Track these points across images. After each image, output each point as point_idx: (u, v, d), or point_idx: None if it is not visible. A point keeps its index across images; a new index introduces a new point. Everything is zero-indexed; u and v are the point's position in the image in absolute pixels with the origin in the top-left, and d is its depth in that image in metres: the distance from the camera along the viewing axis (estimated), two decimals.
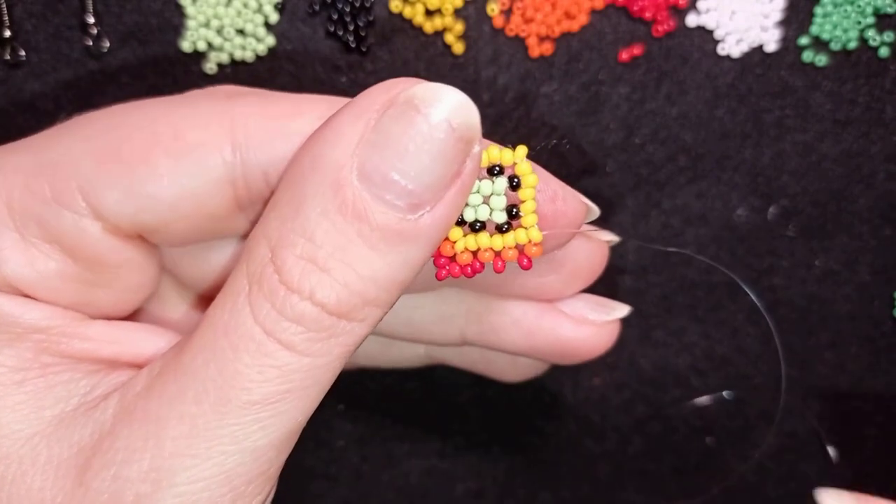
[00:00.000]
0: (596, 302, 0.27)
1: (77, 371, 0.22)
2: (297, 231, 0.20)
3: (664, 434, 0.35)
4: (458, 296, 0.27)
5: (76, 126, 0.23)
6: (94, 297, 0.23)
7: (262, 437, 0.20)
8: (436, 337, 0.28)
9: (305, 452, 0.35)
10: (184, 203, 0.22)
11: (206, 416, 0.19)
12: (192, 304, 0.26)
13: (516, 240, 0.22)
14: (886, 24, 0.31)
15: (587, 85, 0.32)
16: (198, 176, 0.22)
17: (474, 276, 0.22)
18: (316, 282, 0.19)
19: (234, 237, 0.25)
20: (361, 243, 0.19)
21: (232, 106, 0.22)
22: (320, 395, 0.20)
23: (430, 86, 0.20)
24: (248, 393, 0.19)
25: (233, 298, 0.20)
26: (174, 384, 0.20)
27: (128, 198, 0.22)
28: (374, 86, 0.20)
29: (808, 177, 0.32)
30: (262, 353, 0.19)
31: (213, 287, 0.26)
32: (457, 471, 0.35)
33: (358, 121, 0.19)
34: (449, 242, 0.21)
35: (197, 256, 0.25)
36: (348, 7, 0.31)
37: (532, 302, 0.27)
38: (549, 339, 0.27)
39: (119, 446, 0.20)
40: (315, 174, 0.20)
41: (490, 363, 0.30)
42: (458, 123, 0.19)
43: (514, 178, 0.21)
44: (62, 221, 0.22)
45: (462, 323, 0.27)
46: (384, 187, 0.19)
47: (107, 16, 0.31)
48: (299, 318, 0.19)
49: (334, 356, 0.20)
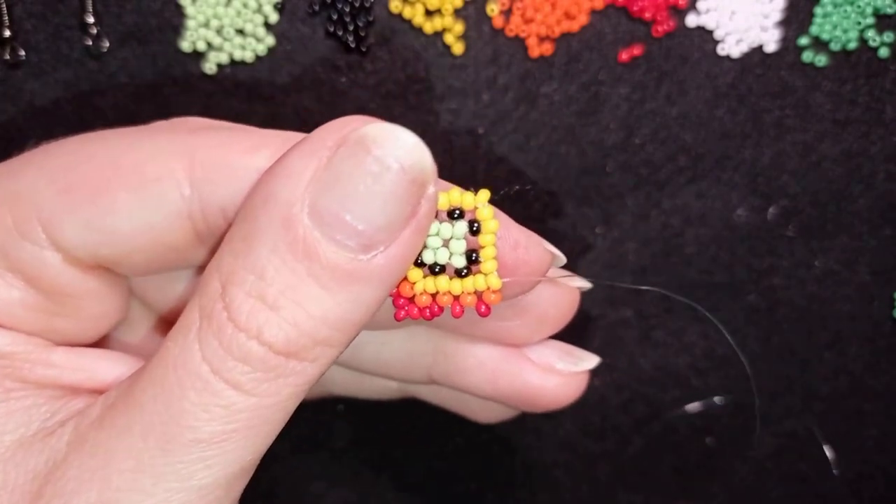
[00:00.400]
0: (565, 350, 0.27)
1: (40, 397, 0.22)
2: (247, 268, 0.19)
3: (664, 434, 0.35)
4: (425, 334, 0.27)
5: (40, 156, 0.23)
6: (57, 326, 0.23)
7: (207, 476, 0.19)
8: (403, 374, 0.27)
9: (305, 453, 0.35)
10: (143, 236, 0.22)
11: (151, 451, 0.19)
12: (161, 331, 0.26)
13: (475, 286, 0.21)
14: (886, 24, 0.31)
15: (587, 85, 0.32)
16: (156, 210, 0.22)
17: (433, 318, 0.22)
18: (264, 320, 0.19)
19: (197, 266, 0.25)
20: (312, 282, 0.19)
21: (191, 140, 0.22)
22: (271, 434, 0.20)
23: (382, 126, 0.19)
24: (194, 431, 0.19)
25: (184, 333, 0.20)
26: (124, 416, 0.20)
27: (87, 230, 0.22)
28: (328, 123, 0.20)
29: (808, 177, 0.32)
30: (209, 391, 0.19)
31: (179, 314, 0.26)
32: (457, 471, 0.35)
33: (310, 158, 0.19)
34: (408, 283, 0.21)
35: (163, 285, 0.25)
36: (348, 7, 0.31)
37: (498, 346, 0.26)
38: (514, 385, 0.26)
39: (70, 476, 0.19)
40: (267, 211, 0.19)
41: (462, 403, 0.29)
42: (409, 165, 0.19)
43: (474, 223, 0.21)
44: (23, 252, 0.22)
45: (429, 361, 0.27)
46: (335, 227, 0.19)
47: (106, 16, 0.31)
48: (245, 357, 0.19)
49: (283, 396, 0.20)
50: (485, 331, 0.26)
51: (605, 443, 0.35)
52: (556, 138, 0.32)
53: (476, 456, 0.35)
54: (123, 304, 0.25)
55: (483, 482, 0.35)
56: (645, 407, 0.34)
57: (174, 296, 0.26)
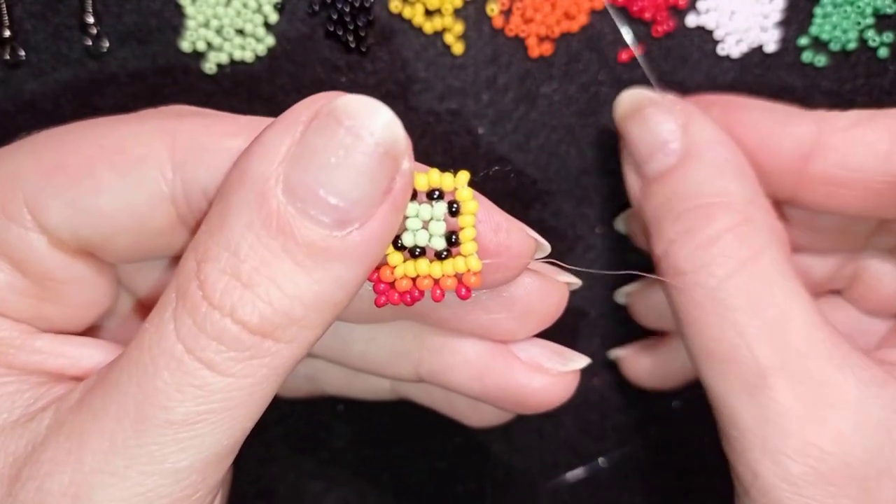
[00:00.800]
0: (554, 350, 0.26)
1: (24, 383, 0.22)
2: (221, 244, 0.19)
3: (664, 434, 0.35)
4: (412, 330, 0.26)
5: (28, 142, 0.23)
6: (44, 312, 0.23)
7: (182, 459, 0.19)
8: (392, 371, 0.27)
9: (305, 453, 0.35)
10: (126, 217, 0.22)
11: (125, 432, 0.19)
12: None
13: (455, 268, 0.21)
14: (886, 24, 0.31)
15: (587, 85, 0.32)
16: (139, 190, 0.22)
17: (413, 304, 0.22)
18: (238, 298, 0.19)
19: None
20: (286, 259, 0.19)
21: (175, 124, 0.22)
22: (248, 419, 0.20)
23: (354, 97, 0.19)
24: (167, 412, 0.19)
25: (160, 313, 0.20)
26: (100, 399, 0.20)
27: (71, 210, 0.22)
28: (302, 100, 0.20)
29: None
30: (182, 370, 0.19)
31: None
32: (457, 471, 0.35)
33: (284, 134, 0.19)
34: (389, 268, 0.21)
35: (150, 274, 0.25)
36: (348, 7, 0.31)
37: (487, 343, 0.26)
38: (501, 382, 0.26)
39: (45, 458, 0.19)
40: (241, 187, 0.19)
41: (452, 404, 0.29)
42: (382, 137, 0.19)
43: (453, 204, 0.21)
44: (9, 234, 0.22)
45: (416, 358, 0.26)
46: (309, 202, 0.19)
47: (106, 16, 0.31)
48: (219, 335, 0.19)
49: (259, 378, 0.19)
50: (471, 325, 0.25)
51: (605, 443, 0.35)
52: (556, 138, 0.32)
53: (476, 456, 0.35)
54: (110, 292, 0.25)
55: (483, 482, 0.35)
56: (645, 407, 0.34)
57: (160, 287, 0.25)
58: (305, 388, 0.30)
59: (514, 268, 0.23)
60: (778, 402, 0.23)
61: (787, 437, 0.22)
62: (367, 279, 0.21)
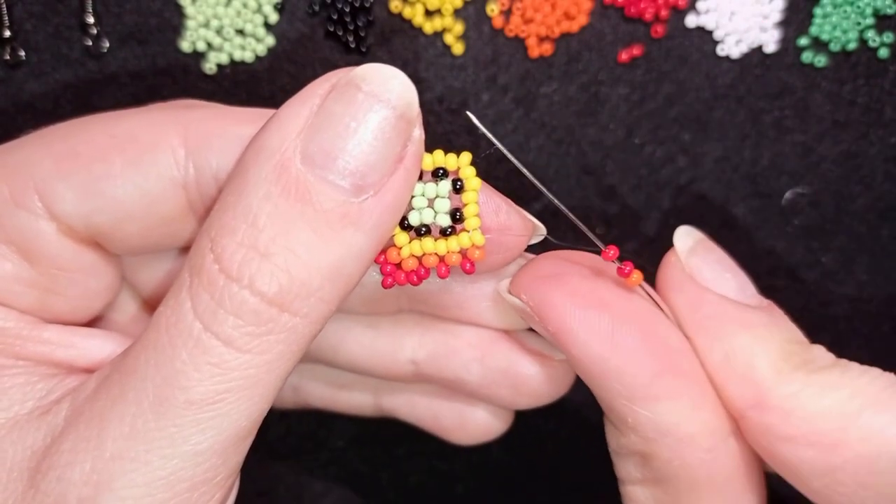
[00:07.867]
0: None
1: (34, 374, 0.22)
2: (238, 217, 0.19)
3: None
4: (413, 318, 0.27)
5: (37, 134, 0.23)
6: (50, 303, 0.23)
7: (202, 441, 0.19)
8: (384, 367, 0.27)
9: (305, 453, 0.35)
10: (137, 203, 0.22)
11: (144, 416, 0.19)
12: (152, 314, 0.27)
13: (459, 244, 0.22)
14: (886, 24, 0.31)
15: (587, 85, 0.32)
16: (151, 176, 0.22)
17: (420, 283, 0.22)
18: (256, 269, 0.19)
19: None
20: (305, 226, 0.19)
21: (186, 113, 0.22)
22: (264, 399, 0.20)
23: (371, 65, 0.20)
24: (186, 392, 0.19)
25: (175, 294, 0.20)
26: (118, 385, 0.20)
27: (82, 196, 0.22)
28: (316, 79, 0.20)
29: (807, 177, 0.32)
30: (200, 349, 0.19)
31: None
32: (457, 471, 0.35)
33: (301, 107, 0.20)
34: (395, 249, 0.22)
35: (156, 268, 0.26)
36: (348, 7, 0.31)
37: (488, 330, 0.26)
38: (503, 365, 0.26)
39: (65, 448, 0.19)
40: (258, 161, 0.20)
41: (436, 419, 0.29)
42: (398, 101, 0.20)
43: (457, 182, 0.22)
44: (18, 221, 0.22)
45: (416, 343, 0.27)
46: (327, 167, 0.19)
47: (106, 16, 0.31)
48: (238, 309, 0.19)
49: (275, 354, 0.19)
50: (471, 312, 0.26)
51: (604, 443, 0.35)
52: (556, 138, 0.32)
53: (476, 456, 0.35)
54: (114, 284, 0.25)
55: (483, 482, 0.35)
56: None
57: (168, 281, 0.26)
58: (291, 400, 0.30)
59: (514, 247, 0.24)
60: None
61: None
62: (374, 261, 0.21)
